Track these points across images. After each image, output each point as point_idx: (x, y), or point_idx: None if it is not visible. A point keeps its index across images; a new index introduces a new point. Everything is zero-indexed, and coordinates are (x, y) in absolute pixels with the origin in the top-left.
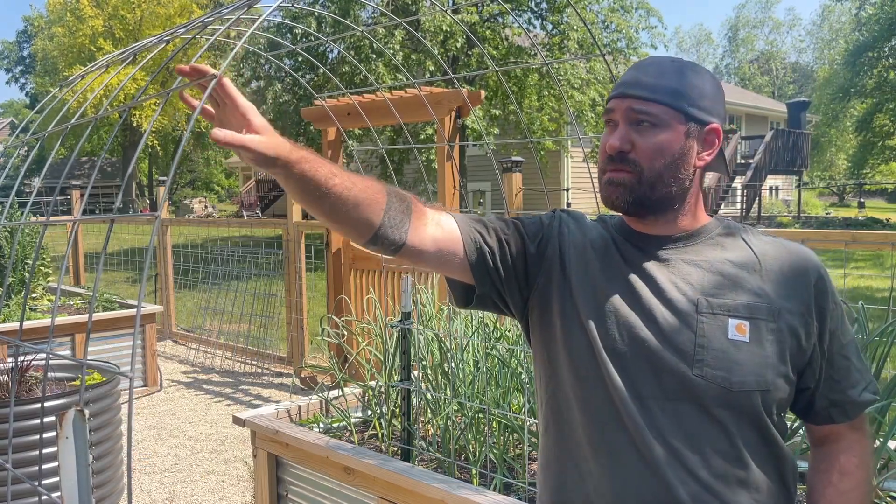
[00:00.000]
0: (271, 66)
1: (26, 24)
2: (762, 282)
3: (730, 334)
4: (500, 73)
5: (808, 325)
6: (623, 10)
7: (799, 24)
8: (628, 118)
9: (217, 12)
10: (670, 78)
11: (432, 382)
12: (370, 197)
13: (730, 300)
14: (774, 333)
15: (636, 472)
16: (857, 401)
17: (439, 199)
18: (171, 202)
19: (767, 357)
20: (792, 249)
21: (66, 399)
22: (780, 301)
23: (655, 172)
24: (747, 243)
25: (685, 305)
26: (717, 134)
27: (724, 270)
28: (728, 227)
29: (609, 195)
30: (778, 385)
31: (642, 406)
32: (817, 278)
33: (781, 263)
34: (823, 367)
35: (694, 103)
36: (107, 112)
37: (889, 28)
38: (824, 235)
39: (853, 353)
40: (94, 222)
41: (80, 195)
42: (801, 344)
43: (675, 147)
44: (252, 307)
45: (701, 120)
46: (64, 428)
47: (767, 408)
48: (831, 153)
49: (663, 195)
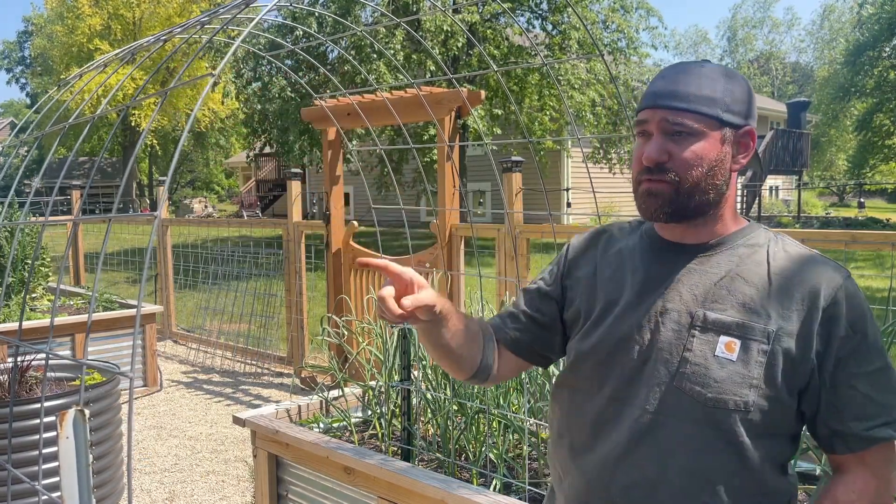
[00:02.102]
0: (272, 66)
1: (26, 24)
2: (767, 301)
3: (717, 351)
4: (501, 73)
5: (806, 349)
6: (623, 9)
7: (798, 24)
8: (663, 129)
9: (214, 12)
10: (702, 85)
11: (432, 382)
12: (472, 349)
13: (726, 316)
14: (766, 355)
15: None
16: (862, 434)
17: (439, 199)
18: (171, 202)
19: (752, 378)
20: (815, 268)
21: (66, 399)
22: (779, 322)
23: (693, 181)
24: (769, 257)
25: (683, 317)
26: (752, 136)
27: (732, 285)
28: (756, 237)
29: (648, 206)
30: (761, 407)
31: (615, 410)
32: (831, 303)
33: (793, 283)
34: (825, 395)
35: (728, 109)
36: (105, 111)
37: (889, 28)
38: (824, 235)
39: (869, 385)
40: (94, 222)
41: (80, 195)
42: (796, 368)
43: (711, 154)
44: (252, 307)
45: (735, 124)
46: (64, 428)
47: (748, 429)
48: (831, 153)
49: (702, 202)
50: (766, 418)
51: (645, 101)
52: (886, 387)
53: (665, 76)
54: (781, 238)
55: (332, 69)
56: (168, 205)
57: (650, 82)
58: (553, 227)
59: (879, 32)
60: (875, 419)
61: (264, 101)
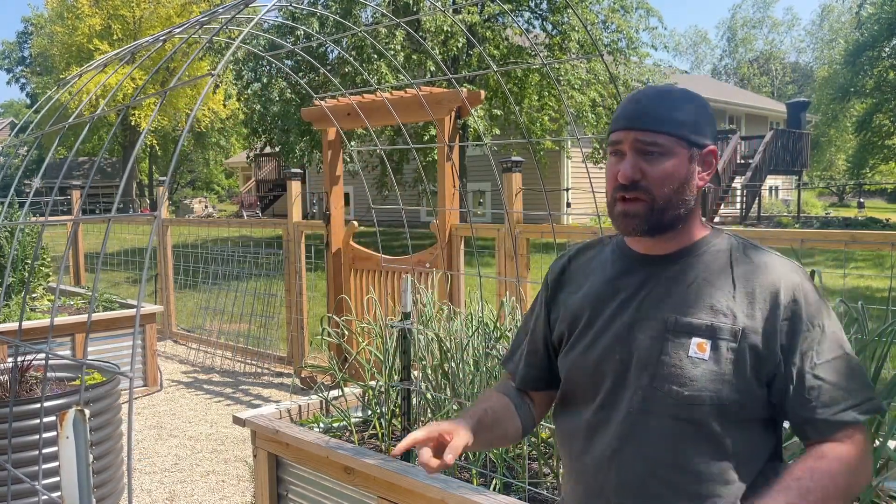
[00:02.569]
0: (273, 67)
1: (26, 24)
2: (732, 302)
3: (690, 352)
4: (501, 73)
5: (772, 344)
6: (623, 10)
7: (798, 24)
8: (636, 148)
9: (213, 12)
10: (672, 108)
11: (432, 382)
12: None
13: (696, 319)
14: (735, 353)
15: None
16: (830, 420)
17: (439, 199)
18: (172, 202)
19: (724, 374)
20: (774, 269)
21: (67, 399)
22: (745, 321)
23: (665, 197)
24: (731, 261)
25: (658, 324)
26: (714, 155)
27: (699, 290)
28: (719, 244)
29: (625, 226)
30: (734, 399)
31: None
32: (791, 300)
33: (755, 284)
34: (793, 387)
35: (694, 130)
36: (105, 111)
37: (889, 28)
38: (824, 235)
39: (832, 374)
40: (94, 222)
41: (80, 195)
42: (763, 362)
43: (681, 172)
44: (252, 307)
45: (700, 144)
46: (64, 428)
47: (724, 423)
48: (831, 153)
49: (674, 217)
50: (739, 409)
51: (617, 122)
52: (848, 374)
53: (637, 100)
54: (743, 242)
55: (332, 69)
56: (168, 205)
57: (621, 106)
58: (553, 227)
59: (879, 32)
60: (841, 404)
61: (265, 101)
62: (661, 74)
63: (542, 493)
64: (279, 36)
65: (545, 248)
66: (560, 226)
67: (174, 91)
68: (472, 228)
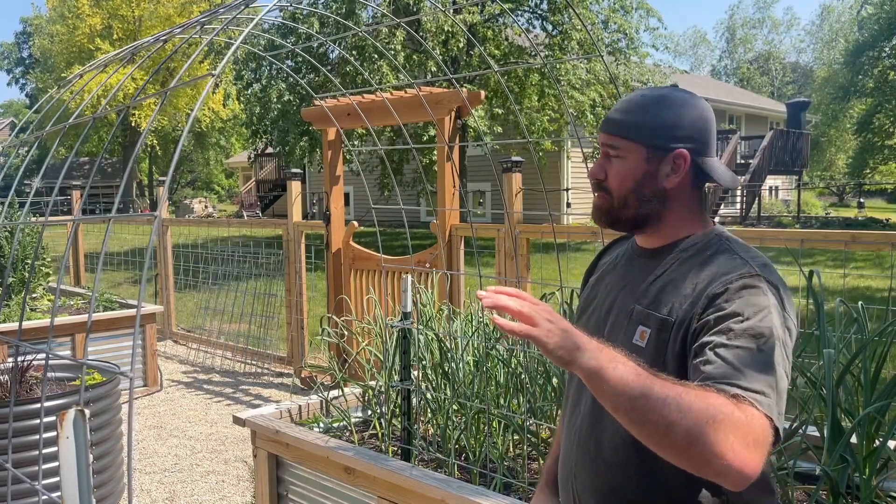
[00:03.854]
0: (273, 67)
1: (24, 25)
2: (672, 296)
3: (634, 339)
4: (501, 73)
5: (689, 330)
6: (623, 10)
7: (798, 24)
8: (603, 151)
9: (214, 12)
10: (634, 113)
11: (432, 382)
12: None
13: (646, 309)
14: (663, 343)
15: (565, 442)
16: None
17: (439, 199)
18: (172, 202)
19: (655, 364)
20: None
21: (67, 399)
22: (676, 313)
23: (622, 197)
24: (700, 259)
25: (625, 311)
26: (682, 157)
27: (658, 283)
28: (700, 244)
29: (594, 216)
30: None
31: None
32: (715, 293)
33: (700, 279)
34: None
35: (656, 134)
36: (105, 112)
37: (889, 28)
38: (824, 235)
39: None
40: (94, 222)
41: (80, 195)
42: (685, 354)
43: (637, 174)
44: (252, 307)
45: (662, 147)
46: (64, 428)
47: None
48: (831, 153)
49: (634, 215)
50: None
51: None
52: (751, 365)
53: (616, 105)
54: (725, 243)
55: (332, 69)
56: (168, 205)
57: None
58: (553, 227)
59: (879, 32)
60: (730, 379)
61: (265, 101)
62: (662, 74)
63: None
64: (279, 36)
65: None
66: (560, 226)
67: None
68: (472, 228)
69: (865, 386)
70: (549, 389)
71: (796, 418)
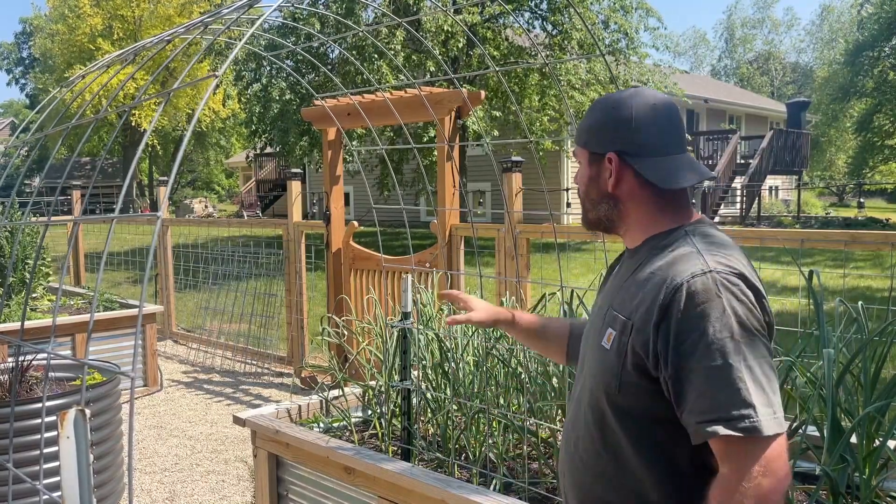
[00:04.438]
0: (273, 67)
1: (24, 25)
2: (633, 298)
3: (601, 341)
4: (501, 73)
5: (647, 342)
6: (623, 10)
7: (798, 24)
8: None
9: (217, 13)
10: (584, 119)
11: (432, 382)
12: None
13: (613, 311)
14: (624, 346)
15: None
16: (694, 429)
17: (439, 199)
18: (172, 202)
19: (616, 365)
20: (675, 265)
21: (67, 399)
22: (635, 316)
23: (581, 201)
24: (662, 257)
25: (601, 313)
26: (610, 160)
27: (625, 284)
28: (666, 242)
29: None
30: (626, 392)
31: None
32: (669, 302)
33: (652, 282)
34: (672, 389)
35: (591, 138)
36: (107, 112)
37: (889, 28)
38: (824, 235)
39: (704, 381)
40: (95, 222)
41: (81, 195)
42: (647, 359)
43: (584, 179)
44: (252, 307)
45: (596, 152)
46: (65, 428)
47: (617, 413)
48: (831, 153)
49: (594, 218)
50: (629, 401)
51: None
52: (722, 384)
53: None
54: (689, 236)
55: (332, 69)
56: (168, 205)
57: None
58: (553, 226)
59: (879, 32)
60: (706, 414)
61: (265, 101)
62: (662, 74)
63: (543, 493)
64: (280, 36)
65: (545, 248)
66: (560, 226)
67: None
68: (472, 228)
69: (865, 386)
70: (549, 389)
71: (796, 418)
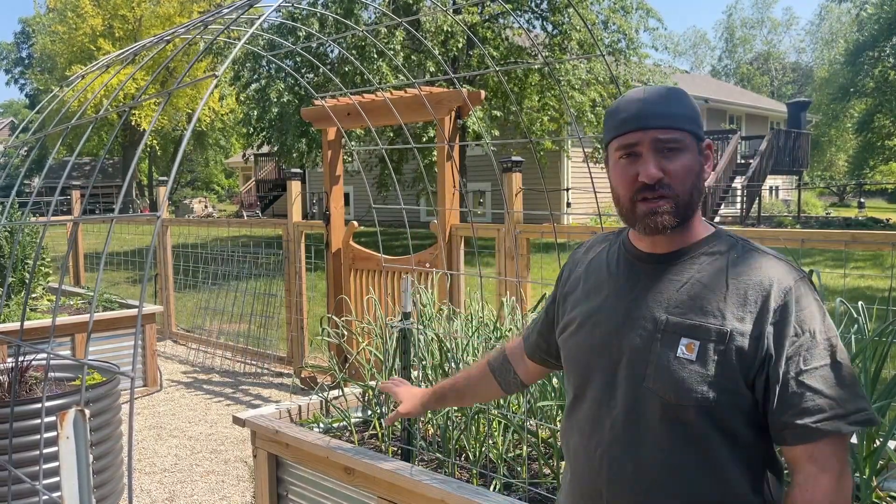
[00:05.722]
0: (272, 67)
1: (23, 25)
2: (723, 304)
3: (678, 352)
4: (501, 73)
5: (759, 347)
6: (623, 10)
7: (797, 24)
8: (655, 147)
9: (217, 12)
10: (678, 105)
11: (432, 382)
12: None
13: (686, 320)
14: (721, 354)
15: (586, 465)
16: (811, 427)
17: (439, 199)
18: (171, 202)
19: (711, 376)
20: (768, 271)
21: (67, 399)
22: (733, 323)
23: (687, 192)
24: (728, 262)
25: (649, 322)
26: (711, 148)
27: (692, 291)
28: (719, 245)
29: (655, 226)
30: (723, 402)
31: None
32: (781, 305)
33: (747, 286)
34: (778, 391)
35: (697, 124)
36: (107, 112)
37: (889, 28)
38: (824, 235)
39: (819, 381)
40: (95, 222)
41: (81, 195)
42: (751, 365)
43: (696, 167)
44: (252, 307)
45: (703, 137)
46: (64, 428)
47: (711, 424)
48: (831, 153)
49: (693, 213)
50: (726, 413)
51: (627, 124)
52: (836, 382)
53: (639, 100)
54: (744, 243)
55: (331, 69)
56: (168, 205)
57: (621, 108)
58: (553, 226)
59: (879, 32)
60: (824, 412)
61: (263, 101)
62: (662, 74)
63: (543, 494)
64: (279, 36)
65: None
66: (560, 226)
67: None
68: (472, 228)
69: (865, 386)
70: (549, 389)
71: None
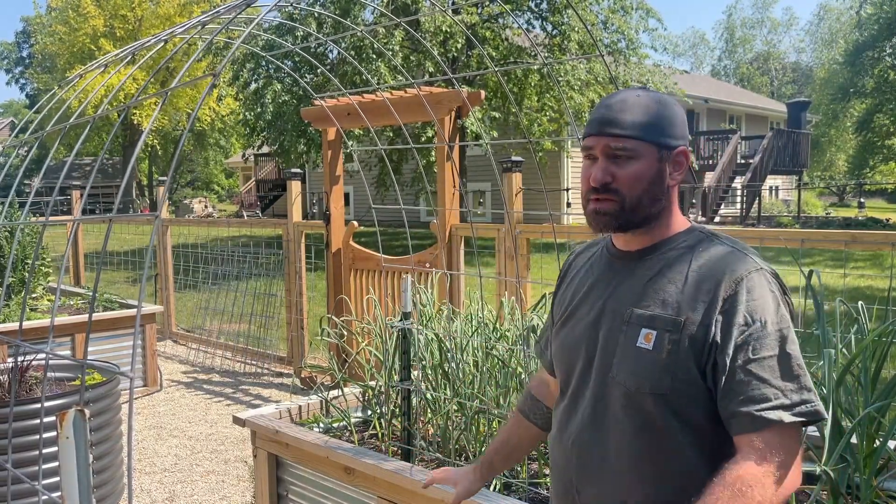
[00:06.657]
0: (271, 66)
1: (24, 24)
2: (680, 295)
3: (638, 342)
4: (501, 73)
5: (707, 335)
6: (623, 10)
7: (797, 24)
8: (606, 153)
9: (215, 12)
10: (639, 113)
11: (432, 382)
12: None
13: (647, 311)
14: (675, 344)
15: (559, 457)
16: (755, 415)
17: (439, 199)
18: (171, 202)
19: (666, 365)
20: (723, 261)
21: (67, 399)
22: (687, 312)
23: (635, 198)
24: (692, 256)
25: (618, 315)
26: (685, 155)
27: (656, 285)
28: (689, 240)
29: (596, 224)
30: (678, 390)
31: (574, 404)
32: (731, 294)
33: (703, 276)
34: (725, 379)
35: (661, 132)
36: (106, 111)
37: (889, 28)
38: (824, 235)
39: (766, 370)
40: (94, 222)
41: (80, 195)
42: (701, 353)
43: (649, 174)
44: (252, 307)
45: (669, 146)
46: (64, 428)
47: (668, 411)
48: (831, 153)
49: (647, 214)
50: (682, 401)
51: (589, 128)
52: (783, 373)
53: (607, 105)
54: (712, 237)
55: (331, 69)
56: (168, 205)
57: (594, 110)
58: (553, 226)
59: (879, 32)
60: (769, 401)
61: (262, 102)
62: (662, 74)
63: (542, 493)
64: (278, 36)
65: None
66: (560, 226)
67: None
68: (472, 228)
69: (865, 386)
70: None
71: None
